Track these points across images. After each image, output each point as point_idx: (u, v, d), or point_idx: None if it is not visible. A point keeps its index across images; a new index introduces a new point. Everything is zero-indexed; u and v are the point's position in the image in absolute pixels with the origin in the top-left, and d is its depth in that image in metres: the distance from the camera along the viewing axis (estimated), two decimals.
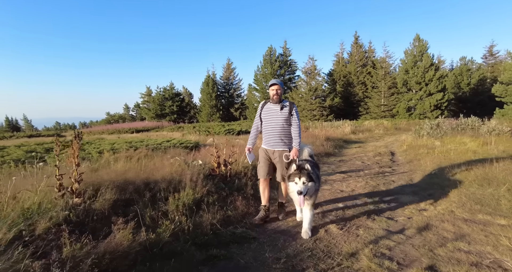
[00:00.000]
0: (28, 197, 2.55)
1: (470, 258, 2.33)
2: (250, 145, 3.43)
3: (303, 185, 2.73)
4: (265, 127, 3.34)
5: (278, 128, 3.24)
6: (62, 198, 2.58)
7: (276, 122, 3.24)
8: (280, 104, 3.24)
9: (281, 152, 3.24)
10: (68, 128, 60.38)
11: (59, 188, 2.63)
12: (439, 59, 40.65)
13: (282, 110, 3.22)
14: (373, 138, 13.76)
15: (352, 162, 7.27)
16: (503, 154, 6.52)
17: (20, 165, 5.15)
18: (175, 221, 2.60)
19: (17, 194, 2.58)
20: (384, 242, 2.70)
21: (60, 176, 2.66)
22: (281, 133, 3.24)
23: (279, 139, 3.25)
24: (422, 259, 2.36)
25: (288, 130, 3.27)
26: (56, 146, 2.74)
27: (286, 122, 3.23)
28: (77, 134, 2.71)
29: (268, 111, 3.31)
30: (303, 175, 2.75)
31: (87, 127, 67.51)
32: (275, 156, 3.28)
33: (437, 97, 24.07)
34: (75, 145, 2.66)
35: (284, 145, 3.26)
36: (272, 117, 3.26)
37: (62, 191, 2.62)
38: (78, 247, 1.82)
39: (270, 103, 3.33)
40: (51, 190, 2.74)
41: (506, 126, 10.63)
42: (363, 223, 3.19)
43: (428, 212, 3.52)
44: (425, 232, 2.89)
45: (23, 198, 2.54)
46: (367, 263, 2.28)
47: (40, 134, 28.42)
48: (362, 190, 4.56)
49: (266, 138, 3.34)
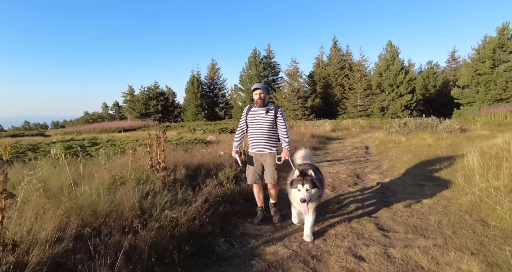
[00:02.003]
0: (132, 170, 3.86)
1: (407, 200, 3.95)
2: (237, 148, 3.43)
3: (307, 192, 2.65)
4: (252, 131, 3.37)
5: (264, 131, 3.27)
6: (153, 172, 3.90)
7: (263, 126, 3.27)
8: (265, 108, 3.30)
9: (269, 154, 3.29)
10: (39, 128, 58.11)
11: (151, 166, 3.94)
12: (410, 63, 44.04)
13: (267, 113, 3.27)
14: (351, 135, 15.65)
15: (335, 154, 8.94)
16: (448, 146, 8.42)
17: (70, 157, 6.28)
18: (226, 186, 4.02)
19: (122, 170, 3.87)
20: (360, 195, 4.28)
21: (150, 158, 3.98)
22: (268, 137, 3.28)
23: (266, 142, 3.28)
24: (382, 202, 3.95)
25: (274, 133, 3.32)
26: (148, 140, 4.06)
27: (272, 125, 3.28)
28: (163, 130, 4.04)
29: (254, 115, 3.34)
30: (307, 181, 2.67)
31: (62, 127, 65.07)
32: (264, 159, 3.31)
33: (407, 98, 26.65)
34: (162, 137, 4.00)
35: (271, 147, 3.30)
36: (258, 121, 3.30)
37: (153, 167, 3.94)
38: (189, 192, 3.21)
39: (255, 107, 3.37)
40: (138, 168, 4.04)
41: (457, 124, 12.84)
42: (345, 188, 4.77)
43: (386, 181, 5.18)
44: (385, 191, 4.51)
45: (128, 172, 3.84)
46: (350, 202, 3.83)
47: (24, 134, 28.07)
48: (344, 172, 6.17)
49: (253, 141, 3.36)
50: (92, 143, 8.26)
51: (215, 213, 3.09)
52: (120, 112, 56.19)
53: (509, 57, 19.76)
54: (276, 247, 2.68)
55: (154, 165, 4.01)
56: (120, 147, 7.52)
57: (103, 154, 4.70)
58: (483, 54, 20.62)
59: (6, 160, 5.91)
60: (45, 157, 6.30)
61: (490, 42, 20.28)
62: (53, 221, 2.13)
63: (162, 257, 2.20)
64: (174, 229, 2.51)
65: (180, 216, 2.63)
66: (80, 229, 2.19)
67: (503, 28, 19.90)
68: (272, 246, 2.69)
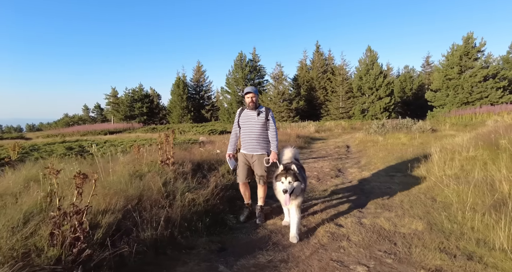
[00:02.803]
0: (145, 165, 4.44)
1: (379, 187, 4.76)
2: (231, 151, 3.54)
3: (289, 184, 2.85)
4: (244, 133, 3.49)
5: (256, 133, 3.39)
6: (163, 166, 4.50)
7: (254, 128, 3.39)
8: (256, 111, 3.42)
9: (259, 155, 3.40)
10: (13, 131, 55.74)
11: (161, 161, 4.54)
12: (388, 67, 46.22)
13: (258, 116, 3.39)
14: (333, 136, 16.66)
15: (319, 152, 9.78)
16: (420, 144, 9.46)
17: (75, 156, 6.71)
18: (228, 177, 4.68)
19: (135, 165, 4.45)
20: (342, 185, 5.06)
21: (161, 154, 4.58)
22: (259, 138, 3.39)
23: (257, 144, 3.39)
24: (359, 188, 4.74)
25: (265, 135, 3.44)
26: (158, 138, 4.65)
27: (263, 127, 3.40)
28: (172, 130, 4.64)
29: (246, 117, 3.47)
30: (289, 174, 2.88)
31: (38, 130, 62.51)
32: (253, 160, 3.43)
33: (385, 101, 28.14)
34: (171, 136, 4.60)
35: (262, 149, 3.41)
36: (250, 123, 3.42)
37: (163, 162, 4.54)
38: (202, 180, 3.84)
39: (247, 109, 3.50)
40: (150, 162, 4.63)
41: (429, 125, 14.10)
42: (329, 179, 5.56)
43: (364, 174, 6.01)
44: (362, 183, 5.32)
45: (141, 166, 4.42)
46: (333, 190, 4.60)
47: (3, 137, 27.31)
48: (327, 167, 6.97)
49: (245, 143, 3.49)
50: (90, 144, 8.64)
51: (223, 196, 3.76)
52: (102, 114, 55.10)
53: (474, 64, 21.59)
54: (275, 220, 3.39)
55: (164, 160, 4.61)
56: (120, 147, 7.97)
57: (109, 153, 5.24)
58: (451, 61, 22.38)
59: (15, 159, 6.28)
60: (50, 157, 6.71)
61: (457, 49, 22.07)
62: (104, 199, 2.72)
63: (189, 226, 2.86)
64: (193, 207, 3.16)
65: (198, 197, 3.29)
66: (124, 206, 2.79)
67: (468, 37, 21.73)
68: (271, 220, 3.41)
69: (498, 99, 20.65)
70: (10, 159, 6.21)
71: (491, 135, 6.21)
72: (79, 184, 2.27)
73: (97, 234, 2.23)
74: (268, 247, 2.68)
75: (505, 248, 2.24)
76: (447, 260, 2.28)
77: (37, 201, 2.79)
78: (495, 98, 20.68)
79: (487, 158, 5.12)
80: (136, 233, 2.44)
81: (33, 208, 2.72)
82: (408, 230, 2.96)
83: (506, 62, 24.42)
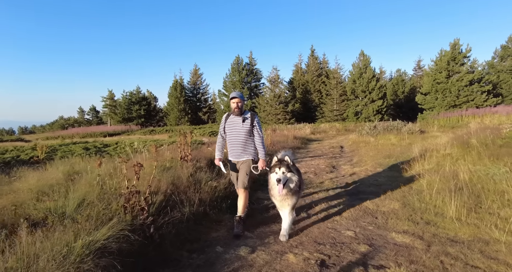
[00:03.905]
0: (167, 161, 5.17)
1: (367, 179, 5.57)
2: (219, 156, 3.50)
3: (283, 174, 2.92)
4: (230, 139, 3.44)
5: (241, 139, 3.34)
6: (182, 162, 5.24)
7: (239, 134, 3.34)
8: (241, 117, 3.34)
9: (245, 161, 3.36)
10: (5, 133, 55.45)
11: (181, 157, 5.27)
12: (381, 70, 47.56)
13: (244, 122, 3.33)
14: (328, 137, 17.53)
15: (315, 152, 10.60)
16: (408, 145, 10.33)
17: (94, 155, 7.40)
18: None
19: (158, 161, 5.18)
20: (336, 179, 5.85)
21: (180, 152, 5.31)
22: (245, 144, 3.35)
23: (243, 150, 3.36)
24: (350, 180, 5.54)
25: (251, 141, 3.38)
26: (178, 138, 5.38)
27: (249, 134, 3.35)
28: (190, 131, 5.39)
29: (231, 123, 3.41)
30: (283, 165, 2.96)
31: (31, 132, 62.04)
32: (239, 165, 3.41)
33: (378, 103, 29.19)
34: (189, 136, 5.35)
35: (248, 155, 3.37)
36: (235, 130, 3.36)
37: (182, 159, 5.28)
38: (216, 173, 4.60)
39: (232, 116, 3.43)
40: (171, 159, 5.36)
41: (417, 127, 15.06)
42: (324, 174, 6.36)
43: (355, 169, 6.83)
44: (352, 176, 6.12)
45: (164, 162, 5.15)
46: (329, 183, 5.39)
47: (2, 139, 27.60)
48: (323, 164, 7.78)
49: (231, 149, 3.45)
50: (103, 145, 9.31)
51: None
52: (98, 116, 55.28)
53: (460, 69, 22.78)
54: None
55: (183, 157, 5.36)
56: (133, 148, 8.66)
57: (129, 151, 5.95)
58: (439, 66, 23.55)
59: (42, 158, 6.94)
60: (73, 156, 7.38)
61: (445, 55, 23.25)
62: (150, 184, 3.45)
63: (215, 205, 3.63)
64: (216, 193, 3.93)
65: (219, 185, 4.05)
66: (165, 189, 3.54)
67: (454, 43, 22.95)
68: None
69: (483, 103, 21.82)
70: (38, 158, 6.87)
71: (465, 136, 7.10)
72: (138, 170, 3.01)
73: (152, 208, 2.97)
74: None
75: (452, 217, 3.05)
76: (412, 225, 3.09)
77: (94, 186, 3.51)
78: (480, 102, 21.86)
79: (459, 154, 5.98)
80: (179, 208, 3.20)
81: (90, 191, 3.45)
82: (387, 209, 3.76)
83: (491, 67, 25.72)
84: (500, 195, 3.36)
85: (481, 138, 6.59)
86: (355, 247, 2.74)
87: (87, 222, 2.48)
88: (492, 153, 5.16)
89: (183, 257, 2.64)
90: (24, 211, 2.87)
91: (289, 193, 2.97)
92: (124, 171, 3.01)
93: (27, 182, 4.34)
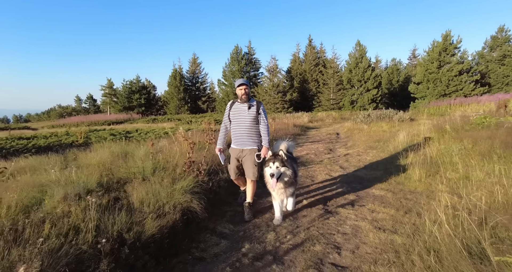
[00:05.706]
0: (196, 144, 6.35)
1: (358, 157, 6.82)
2: (220, 145, 3.50)
3: (276, 168, 2.98)
4: (234, 127, 3.41)
5: (246, 127, 3.30)
6: (209, 144, 6.42)
7: (245, 122, 3.30)
8: (247, 104, 3.32)
9: (250, 150, 3.33)
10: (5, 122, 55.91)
11: (207, 141, 6.45)
12: (377, 59, 48.35)
13: (250, 109, 3.30)
14: (325, 125, 18.77)
15: (314, 138, 11.85)
16: (397, 131, 11.58)
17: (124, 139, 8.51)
18: None
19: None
20: (332, 158, 7.09)
21: (206, 136, 6.50)
22: (250, 132, 3.32)
23: (248, 138, 3.33)
24: (344, 162, 6.78)
25: (256, 129, 3.35)
26: (205, 126, 6.55)
27: (254, 121, 3.32)
28: (214, 120, 6.53)
29: (237, 111, 3.38)
30: (277, 160, 3.02)
31: (26, 120, 62.04)
32: (244, 154, 3.36)
33: (373, 92, 30.23)
34: (213, 124, 6.50)
35: (253, 143, 3.35)
36: (241, 117, 3.33)
37: (208, 142, 6.45)
38: None
39: (238, 102, 3.40)
40: (198, 142, 6.53)
41: (408, 115, 16.33)
42: (323, 155, 7.61)
43: (349, 151, 8.09)
44: (346, 156, 7.37)
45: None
46: (327, 161, 6.64)
47: (10, 127, 28.41)
48: (321, 147, 9.03)
49: (235, 137, 3.41)
50: (126, 132, 10.42)
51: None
52: (95, 105, 55.69)
53: (451, 59, 23.91)
54: None
55: (208, 140, 6.55)
56: (154, 134, 9.77)
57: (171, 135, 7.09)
58: (431, 56, 24.64)
59: (80, 143, 8.06)
60: (106, 140, 8.48)
61: (437, 46, 24.31)
62: (205, 155, 4.64)
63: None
64: None
65: None
66: (207, 162, 4.73)
67: (446, 34, 23.96)
68: None
69: (470, 92, 23.13)
70: (77, 142, 7.99)
71: (442, 123, 8.35)
72: (192, 147, 4.21)
73: (202, 173, 4.17)
74: None
75: (415, 179, 4.35)
76: (387, 185, 4.38)
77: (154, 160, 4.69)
78: (468, 91, 23.15)
79: (435, 138, 7.23)
80: (220, 174, 4.41)
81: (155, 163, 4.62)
82: (372, 176, 5.05)
83: (481, 57, 26.87)
84: (453, 165, 4.60)
85: (455, 124, 7.85)
86: (346, 196, 4.03)
87: (165, 180, 3.68)
88: (458, 136, 6.41)
89: (231, 201, 3.93)
90: (114, 175, 4.06)
91: (284, 186, 3.08)
92: (185, 148, 4.18)
93: (90, 159, 5.49)
